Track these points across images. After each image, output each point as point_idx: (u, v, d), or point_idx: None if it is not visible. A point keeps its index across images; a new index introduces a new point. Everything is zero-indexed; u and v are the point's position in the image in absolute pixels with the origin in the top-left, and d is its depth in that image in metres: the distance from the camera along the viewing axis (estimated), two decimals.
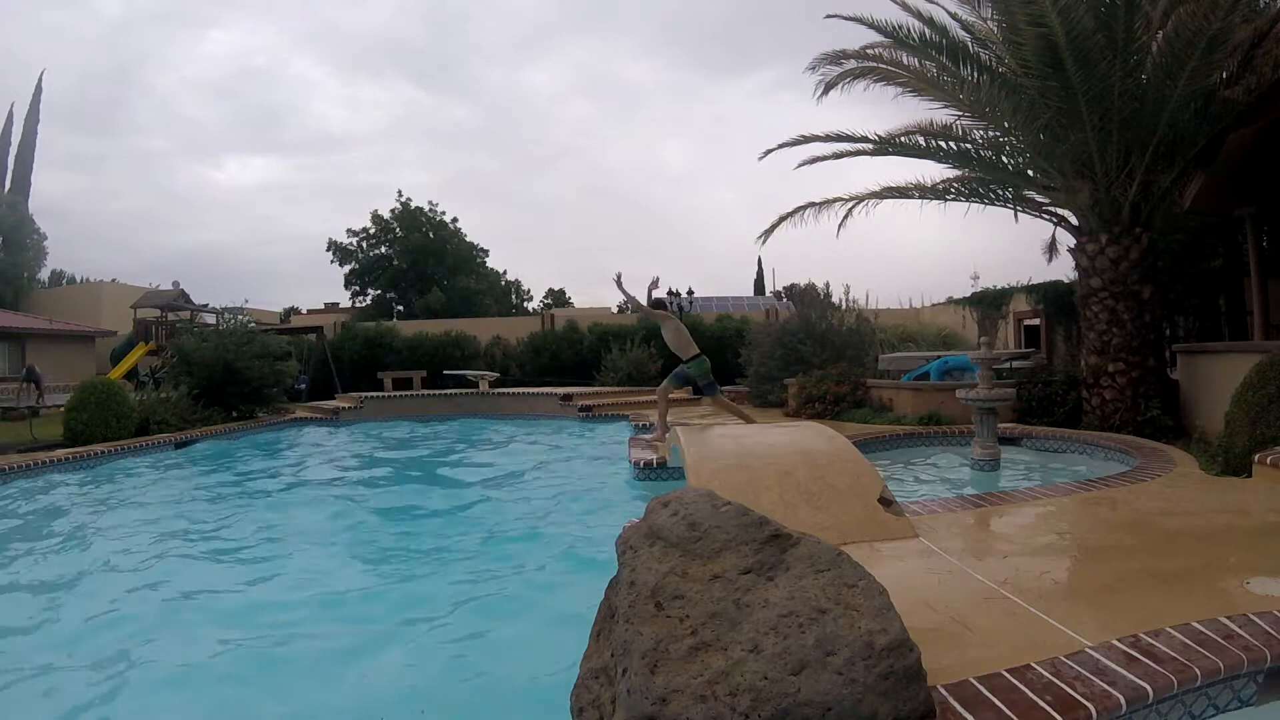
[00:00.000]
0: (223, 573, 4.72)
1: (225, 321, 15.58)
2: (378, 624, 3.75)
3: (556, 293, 44.73)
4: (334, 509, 6.64)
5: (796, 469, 4.02)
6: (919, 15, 8.60)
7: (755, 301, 31.74)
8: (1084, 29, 6.87)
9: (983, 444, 6.59)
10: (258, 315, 24.00)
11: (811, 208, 10.62)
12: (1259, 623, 2.33)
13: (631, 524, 2.32)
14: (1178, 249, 10.98)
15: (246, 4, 68.40)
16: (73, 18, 58.17)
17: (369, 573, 4.75)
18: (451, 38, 68.57)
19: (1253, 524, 3.79)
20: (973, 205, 9.89)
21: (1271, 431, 4.98)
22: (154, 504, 6.81)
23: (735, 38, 77.82)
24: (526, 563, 4.75)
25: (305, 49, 68.85)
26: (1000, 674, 2.06)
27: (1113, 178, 7.98)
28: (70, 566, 4.81)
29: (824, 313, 13.51)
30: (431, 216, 34.16)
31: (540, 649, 3.36)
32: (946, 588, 2.88)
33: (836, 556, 2.05)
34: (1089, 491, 4.75)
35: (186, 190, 62.20)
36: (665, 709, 1.67)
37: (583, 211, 70.89)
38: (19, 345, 20.22)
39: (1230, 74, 7.67)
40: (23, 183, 32.97)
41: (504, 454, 10.08)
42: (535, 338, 21.16)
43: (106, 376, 13.52)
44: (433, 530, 5.86)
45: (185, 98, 62.04)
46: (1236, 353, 7.33)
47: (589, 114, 72.46)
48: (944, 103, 8.72)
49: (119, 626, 3.72)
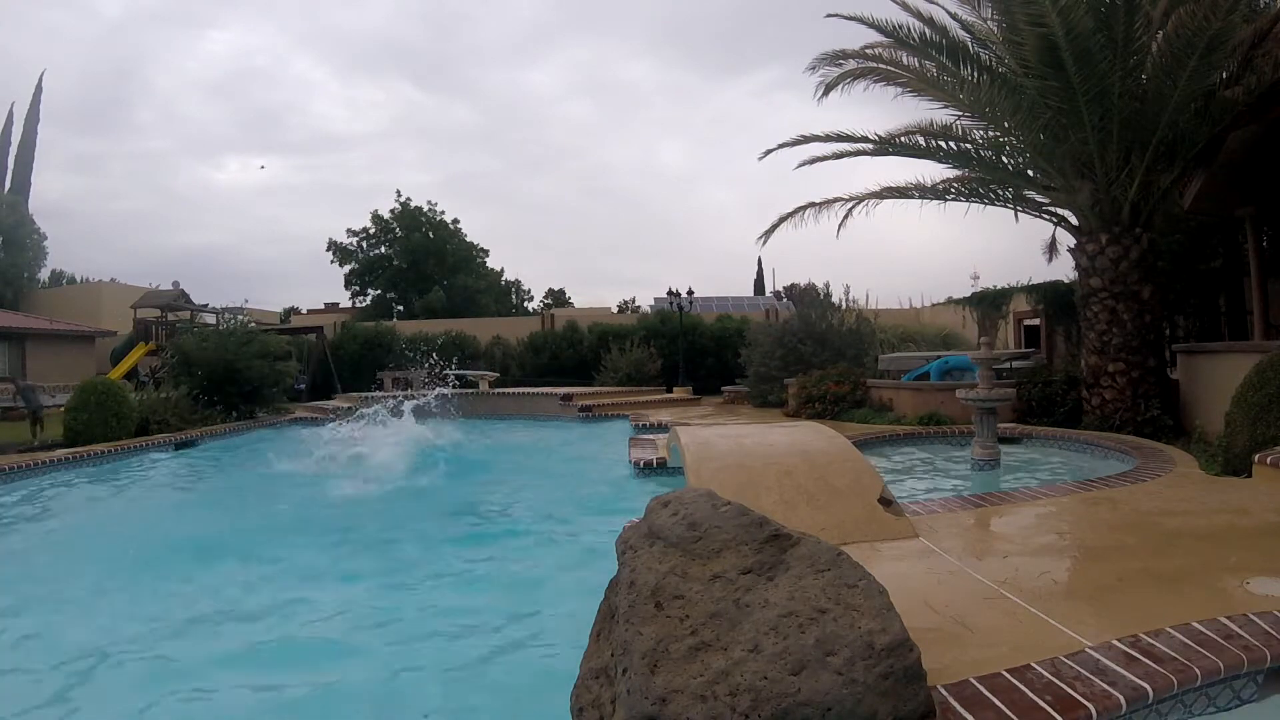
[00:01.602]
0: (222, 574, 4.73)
1: (225, 321, 15.59)
2: (377, 622, 3.75)
3: (556, 293, 44.70)
4: (330, 509, 6.64)
5: (796, 469, 4.02)
6: (919, 15, 8.60)
7: (755, 301, 31.73)
8: (1084, 29, 6.87)
9: (983, 444, 6.59)
10: (258, 315, 24.01)
11: (812, 208, 10.63)
12: (1259, 623, 2.33)
13: (631, 524, 2.32)
14: (1178, 249, 10.98)
15: (246, 4, 68.42)
16: (73, 18, 58.18)
17: (368, 572, 4.74)
18: (451, 38, 68.50)
19: (1253, 524, 3.79)
20: (973, 205, 9.91)
21: (1271, 431, 4.98)
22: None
23: (733, 39, 77.88)
24: (525, 562, 4.75)
25: (305, 49, 68.81)
26: (1000, 674, 2.06)
27: (1113, 178, 7.98)
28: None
29: (824, 313, 13.52)
30: (431, 216, 34.14)
31: (540, 649, 3.36)
32: (947, 588, 2.88)
33: (836, 556, 2.05)
34: (1089, 491, 4.75)
35: (187, 190, 62.14)
36: (665, 709, 1.67)
37: (583, 211, 70.89)
38: (19, 345, 20.20)
39: (1230, 74, 7.67)
40: (23, 183, 32.94)
41: (503, 454, 10.07)
42: (535, 338, 21.16)
43: (106, 377, 13.51)
44: (432, 530, 5.86)
45: (185, 98, 62.01)
46: (1236, 353, 7.33)
47: (588, 114, 72.42)
48: (944, 103, 8.73)
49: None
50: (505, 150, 68.03)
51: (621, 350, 18.54)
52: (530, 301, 40.93)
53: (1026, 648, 2.24)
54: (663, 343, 19.30)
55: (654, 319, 21.23)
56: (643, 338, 19.41)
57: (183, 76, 61.66)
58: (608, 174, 71.92)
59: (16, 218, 30.43)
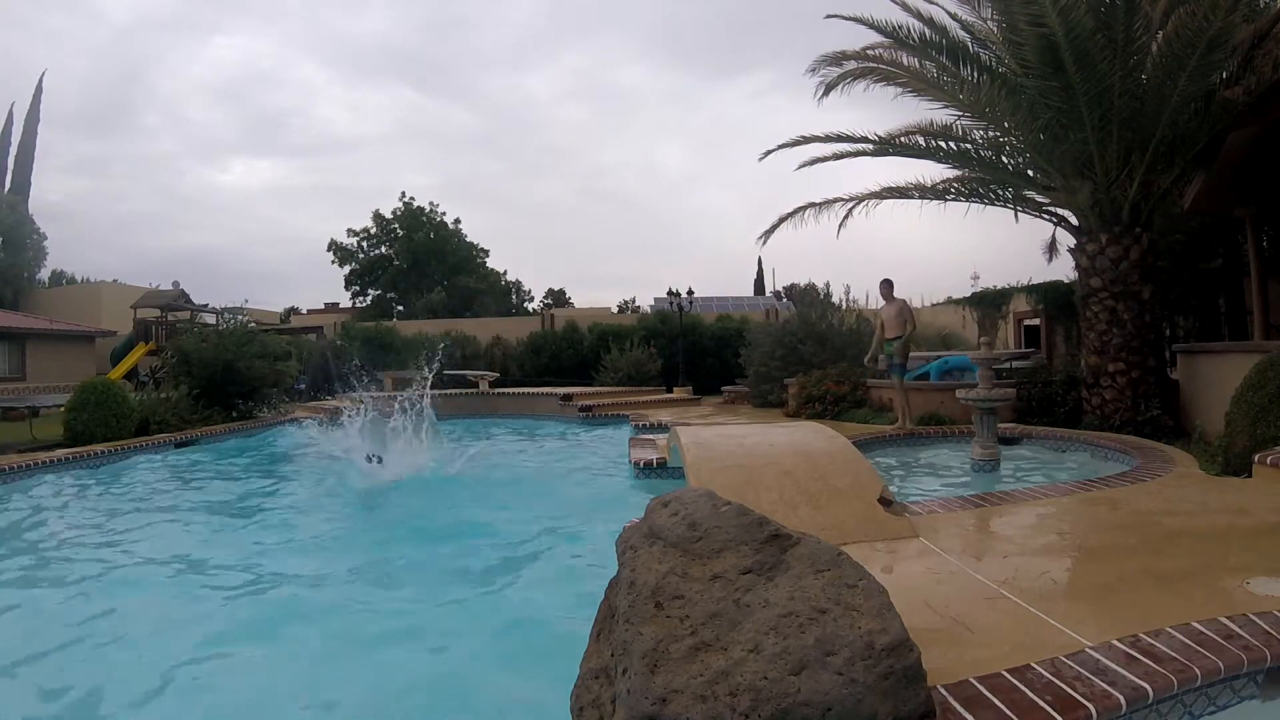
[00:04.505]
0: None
1: (225, 321, 15.60)
2: (373, 622, 3.75)
3: (556, 293, 44.74)
4: (325, 509, 6.64)
5: (796, 469, 4.02)
6: (919, 15, 8.61)
7: (755, 301, 31.75)
8: (1084, 29, 6.87)
9: (983, 444, 6.59)
10: (258, 315, 24.01)
11: (812, 208, 10.63)
12: (1259, 623, 2.33)
13: (632, 524, 2.32)
14: (1178, 249, 10.98)
15: (251, 11, 68.55)
16: (80, 23, 58.35)
17: (366, 571, 4.74)
18: (451, 44, 68.71)
19: (1253, 524, 3.78)
20: (973, 205, 9.91)
21: (1271, 431, 4.98)
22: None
23: (728, 43, 78.09)
24: (525, 562, 4.75)
25: (309, 55, 68.99)
26: (1000, 674, 2.06)
27: (1113, 178, 7.98)
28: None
29: (824, 313, 13.52)
30: (432, 217, 34.18)
31: (539, 649, 3.35)
32: (946, 588, 2.88)
33: (836, 556, 2.05)
34: (1089, 491, 4.74)
35: (190, 192, 62.31)
36: (665, 709, 1.67)
37: (583, 212, 71.01)
38: (19, 345, 20.21)
39: (1230, 74, 7.67)
40: (23, 183, 32.94)
41: (503, 454, 10.07)
42: (535, 338, 21.16)
43: (106, 377, 13.51)
44: (431, 529, 5.86)
45: (190, 102, 62.14)
46: (1236, 353, 7.34)
47: (587, 117, 72.58)
48: (944, 103, 8.73)
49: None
50: (505, 153, 68.26)
51: (621, 350, 18.54)
52: (530, 302, 41.01)
53: (1026, 647, 2.24)
54: (663, 343, 19.30)
55: (654, 319, 21.24)
56: (643, 338, 19.41)
57: (188, 81, 62.00)
58: (607, 175, 72.12)
59: (16, 218, 30.44)
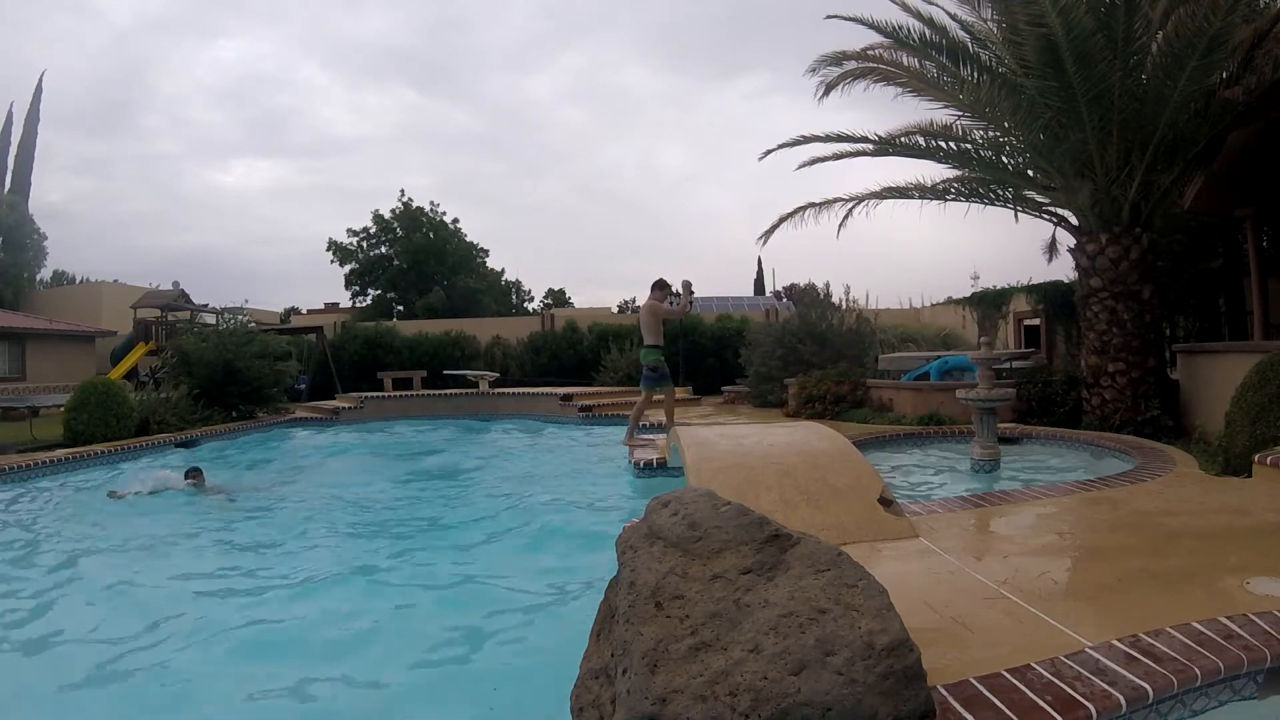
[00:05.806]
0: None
1: (225, 321, 15.57)
2: (372, 621, 3.75)
3: (556, 293, 44.69)
4: (323, 510, 6.63)
5: (796, 469, 4.02)
6: (919, 16, 8.61)
7: (755, 301, 31.70)
8: (1084, 29, 6.87)
9: (983, 444, 6.59)
10: (258, 315, 23.97)
11: (812, 208, 10.62)
12: (1259, 623, 2.33)
13: (631, 524, 2.32)
14: (1178, 249, 10.98)
15: (253, 13, 68.48)
16: (82, 25, 58.29)
17: (365, 571, 4.74)
18: (451, 45, 68.66)
19: (1253, 524, 3.78)
20: (973, 205, 9.90)
21: (1271, 431, 4.98)
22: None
23: (726, 45, 78.13)
24: (525, 562, 4.75)
25: (310, 56, 69.00)
26: (1000, 674, 2.06)
27: (1113, 178, 7.98)
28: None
29: (824, 313, 13.51)
30: (432, 216, 34.12)
31: (539, 649, 3.36)
32: (947, 588, 2.88)
33: (837, 556, 2.05)
34: (1089, 491, 4.74)
35: (190, 193, 62.21)
36: (665, 709, 1.67)
37: (582, 212, 70.98)
38: (19, 345, 20.19)
39: (1230, 74, 7.67)
40: (23, 183, 32.90)
41: (503, 454, 10.07)
42: (535, 338, 21.14)
43: (107, 376, 13.51)
44: (430, 529, 5.86)
45: (192, 103, 62.09)
46: (1236, 353, 7.33)
47: (586, 118, 72.58)
48: (944, 103, 8.73)
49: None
50: (505, 153, 68.35)
51: (622, 350, 18.52)
52: (530, 302, 40.95)
53: (1026, 647, 2.25)
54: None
55: None
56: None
57: (190, 82, 61.93)
58: (606, 176, 72.14)
59: (16, 218, 30.41)
